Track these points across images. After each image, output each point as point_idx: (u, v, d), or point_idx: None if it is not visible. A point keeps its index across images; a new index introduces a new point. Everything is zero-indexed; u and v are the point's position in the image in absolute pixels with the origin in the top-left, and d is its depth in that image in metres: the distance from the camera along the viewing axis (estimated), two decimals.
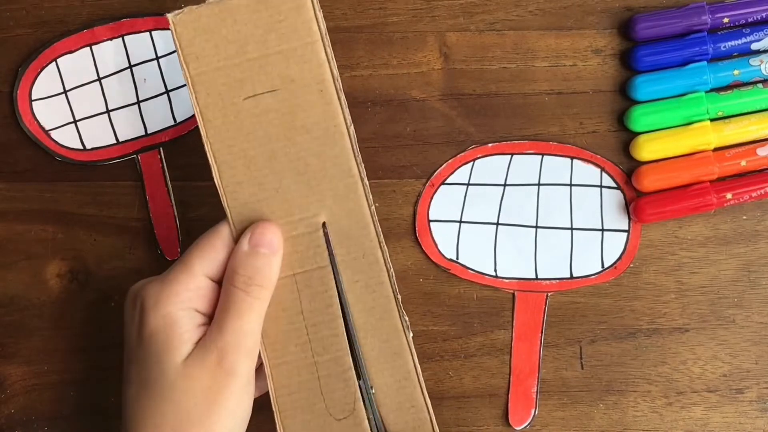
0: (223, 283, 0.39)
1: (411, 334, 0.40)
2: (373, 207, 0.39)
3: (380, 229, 0.40)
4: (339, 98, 0.39)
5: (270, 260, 0.38)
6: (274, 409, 0.40)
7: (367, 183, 0.39)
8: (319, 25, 0.39)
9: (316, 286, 0.39)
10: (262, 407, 0.49)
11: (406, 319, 0.40)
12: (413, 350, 0.40)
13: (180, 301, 0.38)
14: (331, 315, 0.39)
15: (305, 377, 0.39)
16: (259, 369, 0.40)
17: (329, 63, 0.39)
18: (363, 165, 0.39)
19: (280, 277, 0.39)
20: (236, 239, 0.39)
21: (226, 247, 0.39)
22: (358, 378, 0.39)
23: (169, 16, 0.38)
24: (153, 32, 0.51)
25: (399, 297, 0.40)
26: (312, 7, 0.38)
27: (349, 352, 0.40)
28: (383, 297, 0.40)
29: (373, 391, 0.40)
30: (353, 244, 0.39)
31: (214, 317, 0.38)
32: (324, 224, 0.39)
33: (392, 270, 0.40)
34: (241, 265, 0.38)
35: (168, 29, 0.51)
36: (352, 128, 0.39)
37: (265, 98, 0.39)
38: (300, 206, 0.39)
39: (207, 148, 0.39)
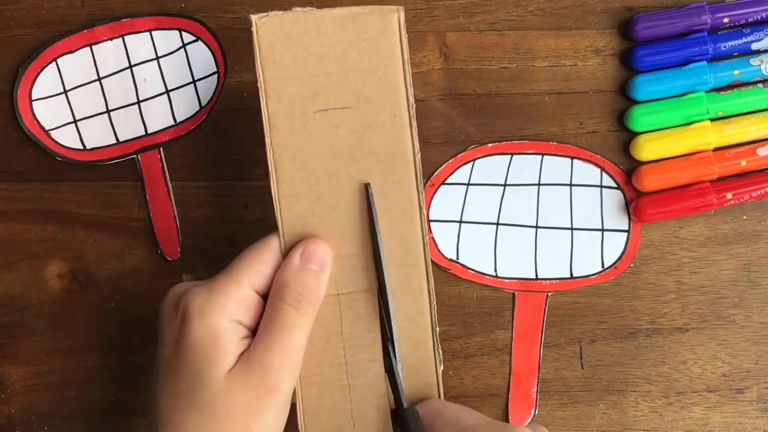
0: (269, 297, 0.38)
1: (442, 367, 0.40)
2: (426, 237, 0.39)
3: (430, 261, 0.39)
4: (411, 125, 0.39)
5: (320, 277, 0.38)
6: (300, 429, 0.39)
7: (425, 213, 0.39)
8: (402, 50, 0.38)
9: (359, 309, 0.39)
10: None
11: (440, 351, 0.40)
12: (440, 383, 0.40)
13: (226, 313, 0.37)
14: (371, 340, 0.39)
15: (337, 400, 0.39)
16: None
17: (407, 89, 0.39)
18: (424, 194, 0.39)
19: (324, 294, 0.39)
20: (285, 253, 0.38)
21: (275, 259, 0.38)
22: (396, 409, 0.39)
23: (253, 17, 0.38)
24: (153, 32, 0.51)
25: (437, 330, 0.40)
26: (399, 30, 0.38)
27: (385, 378, 0.39)
28: (421, 327, 0.39)
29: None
30: (401, 271, 0.39)
31: (258, 332, 0.37)
32: (370, 194, 0.38)
33: (435, 302, 0.39)
34: (292, 280, 0.37)
35: (168, 29, 0.51)
36: (419, 156, 0.39)
37: (337, 114, 0.38)
38: (354, 227, 0.39)
39: (269, 156, 0.38)
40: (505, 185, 0.51)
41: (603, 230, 0.51)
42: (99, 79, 0.51)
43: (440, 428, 0.37)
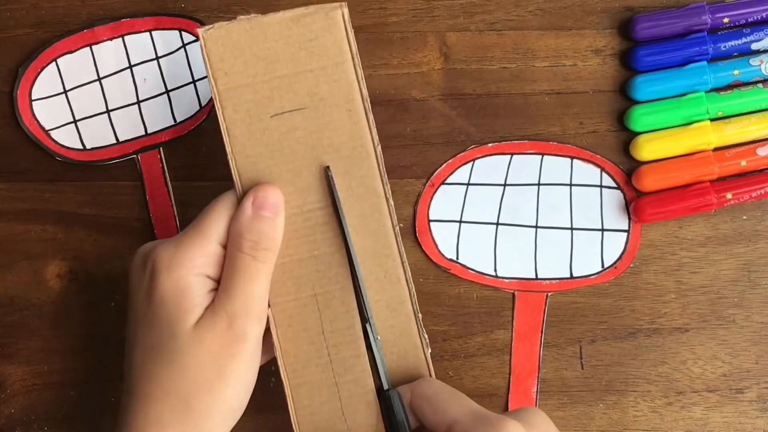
0: (228, 247, 0.38)
1: (429, 350, 0.40)
2: (397, 227, 0.39)
3: (404, 249, 0.40)
4: (367, 118, 0.39)
5: (274, 223, 0.38)
6: (294, 429, 0.39)
7: (392, 203, 0.39)
8: (350, 45, 0.39)
9: (336, 307, 0.39)
10: (263, 408, 0.50)
11: (425, 336, 0.40)
12: (431, 366, 0.40)
13: (193, 266, 0.37)
14: (352, 336, 0.39)
15: (326, 398, 0.39)
16: (266, 335, 0.39)
17: (359, 83, 0.39)
18: (389, 185, 0.39)
19: (301, 296, 0.39)
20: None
21: (231, 212, 0.39)
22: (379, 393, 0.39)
23: (200, 31, 0.38)
24: (153, 32, 0.51)
25: (420, 316, 0.40)
26: (344, 27, 0.38)
27: (371, 373, 0.40)
28: (404, 315, 0.40)
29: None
30: (376, 263, 0.39)
31: (221, 282, 0.38)
32: (330, 177, 0.39)
33: (414, 289, 0.40)
34: (246, 230, 0.38)
35: (168, 29, 0.51)
36: (379, 148, 0.39)
37: (293, 116, 0.39)
38: (324, 226, 0.39)
39: (231, 164, 0.39)
40: (505, 185, 0.51)
41: (603, 230, 0.51)
42: (99, 79, 0.51)
43: (428, 416, 0.38)
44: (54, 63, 0.51)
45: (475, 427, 0.36)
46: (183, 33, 0.51)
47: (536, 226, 0.51)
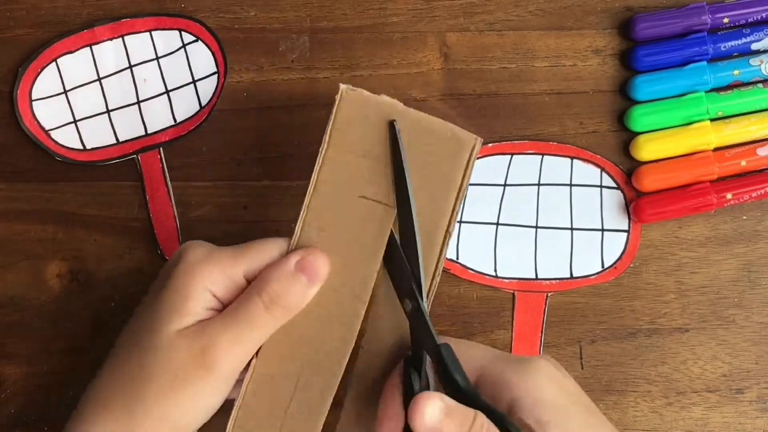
0: (251, 285, 0.38)
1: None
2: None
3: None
4: (440, 252, 0.38)
5: (306, 290, 0.37)
6: None
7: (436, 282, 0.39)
8: (463, 179, 0.38)
9: (312, 396, 0.38)
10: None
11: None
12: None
13: (208, 280, 0.37)
14: (309, 429, 0.38)
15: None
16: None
17: (451, 217, 0.38)
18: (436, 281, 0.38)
19: (288, 367, 0.38)
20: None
21: (275, 258, 0.38)
22: None
23: (342, 86, 0.38)
24: (153, 32, 0.51)
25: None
26: (468, 161, 0.38)
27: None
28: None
29: None
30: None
31: (225, 311, 0.37)
32: (397, 130, 0.38)
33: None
34: (276, 281, 0.37)
35: (168, 29, 0.51)
36: (443, 256, 0.38)
37: (378, 208, 0.38)
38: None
39: (302, 216, 0.38)
40: (505, 185, 0.51)
41: (603, 230, 0.51)
42: (99, 79, 0.51)
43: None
44: (54, 63, 0.51)
45: (508, 368, 0.37)
46: (183, 33, 0.51)
47: (536, 226, 0.51)
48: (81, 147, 0.51)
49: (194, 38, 0.51)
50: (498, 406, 0.36)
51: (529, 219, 0.51)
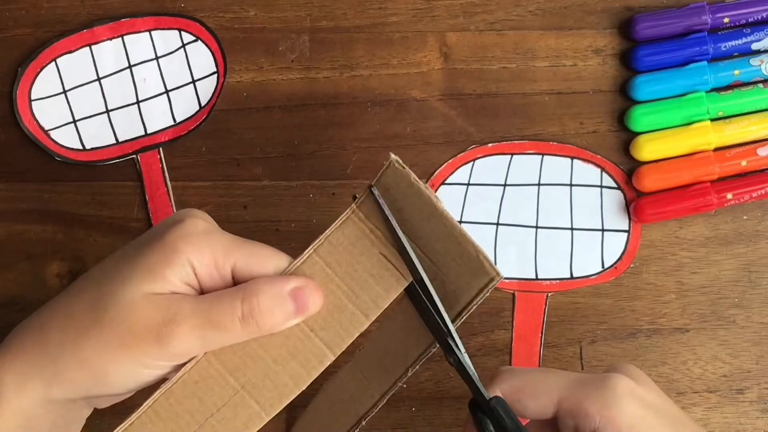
0: (236, 285, 0.36)
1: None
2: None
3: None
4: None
5: (289, 319, 0.36)
6: None
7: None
8: (470, 303, 0.36)
9: (240, 417, 0.36)
10: None
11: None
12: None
13: (196, 257, 0.35)
14: None
15: None
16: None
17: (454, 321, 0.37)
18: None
19: (229, 379, 0.36)
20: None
21: (270, 272, 0.37)
22: None
23: (393, 156, 0.36)
24: (153, 32, 0.51)
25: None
26: (480, 291, 0.36)
27: None
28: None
29: None
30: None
31: (201, 297, 0.36)
32: (377, 196, 0.37)
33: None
34: (264, 296, 0.35)
35: (167, 29, 0.51)
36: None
37: (391, 272, 0.37)
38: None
39: (317, 243, 0.37)
40: (505, 185, 0.51)
41: (603, 230, 0.51)
42: (98, 79, 0.51)
43: (529, 406, 0.36)
44: (53, 63, 0.51)
45: (584, 396, 0.35)
46: (183, 33, 0.51)
47: (536, 226, 0.51)
48: (80, 147, 0.51)
49: (194, 38, 0.51)
50: None
51: (529, 219, 0.50)
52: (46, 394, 0.35)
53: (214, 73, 0.51)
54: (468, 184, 0.51)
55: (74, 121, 0.51)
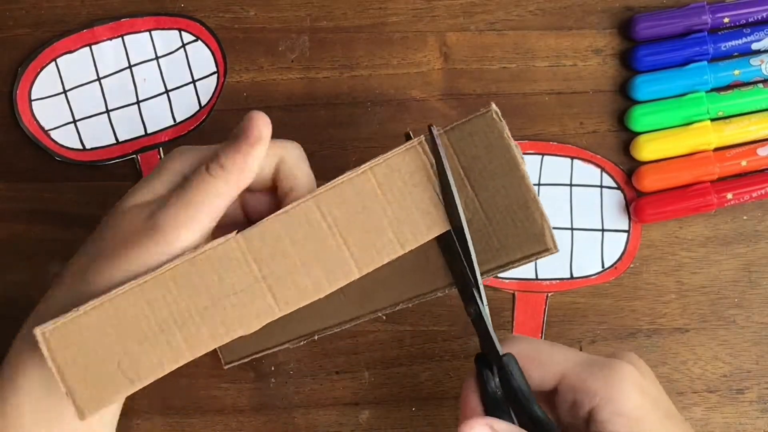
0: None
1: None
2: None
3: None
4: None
5: (249, 152, 0.37)
6: None
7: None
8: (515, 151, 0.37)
9: (176, 345, 0.36)
10: (263, 408, 0.50)
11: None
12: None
13: (183, 163, 0.38)
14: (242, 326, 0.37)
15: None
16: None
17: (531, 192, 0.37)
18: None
19: (253, 268, 0.36)
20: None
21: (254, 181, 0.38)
22: None
23: (494, 107, 0.37)
24: (153, 32, 0.51)
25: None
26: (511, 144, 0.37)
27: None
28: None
29: None
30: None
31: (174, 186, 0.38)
32: (435, 135, 0.37)
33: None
34: (222, 153, 0.37)
35: (167, 29, 0.51)
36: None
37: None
38: None
39: (366, 167, 0.37)
40: None
41: (603, 230, 0.51)
42: (98, 79, 0.51)
43: (533, 373, 0.37)
44: (53, 63, 0.51)
45: (588, 374, 0.36)
46: (183, 33, 0.51)
47: None
48: (81, 147, 0.51)
49: (194, 38, 0.51)
50: (578, 413, 0.36)
51: None
52: None
53: (214, 73, 0.51)
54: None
55: (74, 121, 0.51)
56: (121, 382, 0.36)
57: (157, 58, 0.51)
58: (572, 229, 0.50)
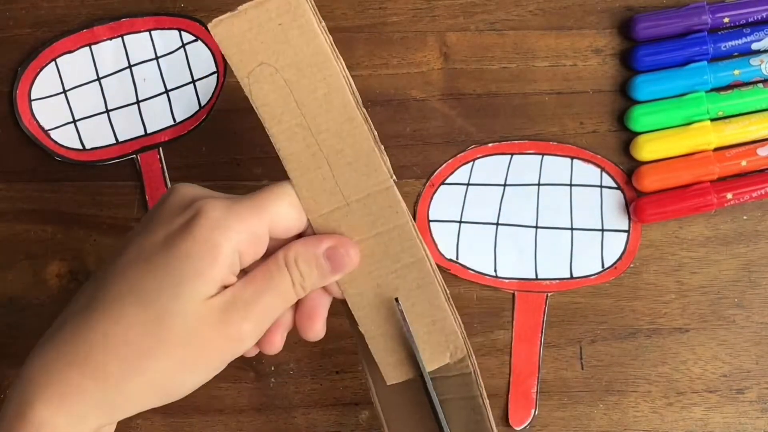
0: (280, 252, 0.35)
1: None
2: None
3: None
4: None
5: (326, 279, 0.36)
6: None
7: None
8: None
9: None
10: (263, 408, 0.50)
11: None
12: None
13: (236, 240, 0.33)
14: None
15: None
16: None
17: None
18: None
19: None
20: (306, 208, 0.36)
21: (294, 209, 0.36)
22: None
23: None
24: (152, 32, 0.51)
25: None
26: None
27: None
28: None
29: None
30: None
31: (253, 276, 0.35)
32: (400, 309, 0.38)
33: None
34: (303, 261, 0.35)
35: (167, 29, 0.51)
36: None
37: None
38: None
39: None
40: (505, 185, 0.51)
41: (603, 230, 0.51)
42: (98, 79, 0.51)
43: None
44: (53, 63, 0.51)
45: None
46: (183, 33, 0.51)
47: (536, 226, 0.51)
48: (80, 147, 0.51)
49: (194, 38, 0.51)
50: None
51: (529, 219, 0.51)
52: (102, 423, 0.34)
53: (214, 73, 0.51)
54: (468, 184, 0.51)
55: (74, 121, 0.51)
56: None
57: (157, 58, 0.51)
58: (572, 229, 0.50)
